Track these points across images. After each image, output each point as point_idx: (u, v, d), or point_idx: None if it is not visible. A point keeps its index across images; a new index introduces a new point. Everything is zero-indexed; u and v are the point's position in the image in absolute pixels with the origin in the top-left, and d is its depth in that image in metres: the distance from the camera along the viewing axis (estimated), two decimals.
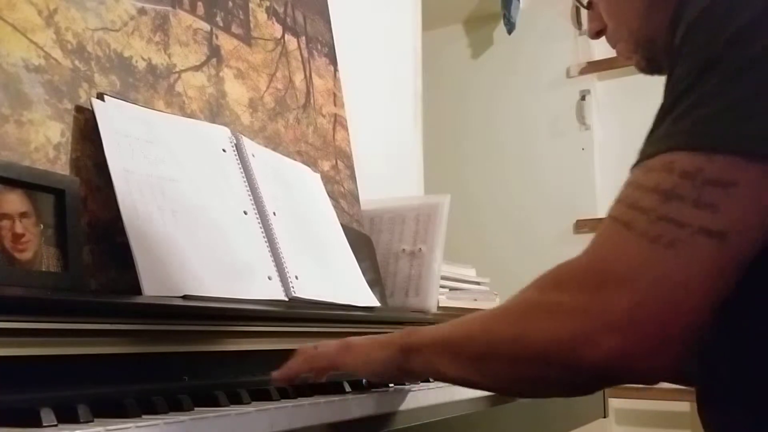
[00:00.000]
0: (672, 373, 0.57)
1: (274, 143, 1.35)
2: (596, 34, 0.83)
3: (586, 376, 0.59)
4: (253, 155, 1.15)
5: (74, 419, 0.56)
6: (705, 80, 0.57)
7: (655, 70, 0.79)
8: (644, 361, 0.55)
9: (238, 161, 1.12)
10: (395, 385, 0.87)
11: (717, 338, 0.63)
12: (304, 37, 1.54)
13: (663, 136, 0.59)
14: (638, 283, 0.55)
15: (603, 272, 0.57)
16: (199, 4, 1.25)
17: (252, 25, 1.38)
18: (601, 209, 2.94)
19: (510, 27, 3.11)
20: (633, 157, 0.61)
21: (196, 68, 1.21)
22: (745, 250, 0.55)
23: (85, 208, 0.90)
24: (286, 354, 0.91)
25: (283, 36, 1.47)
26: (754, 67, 0.56)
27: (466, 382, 0.72)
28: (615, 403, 2.74)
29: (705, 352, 0.65)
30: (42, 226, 0.83)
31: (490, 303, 1.74)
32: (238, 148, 1.13)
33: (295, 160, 1.36)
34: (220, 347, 0.82)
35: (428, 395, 0.91)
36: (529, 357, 0.62)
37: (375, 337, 0.80)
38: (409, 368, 0.75)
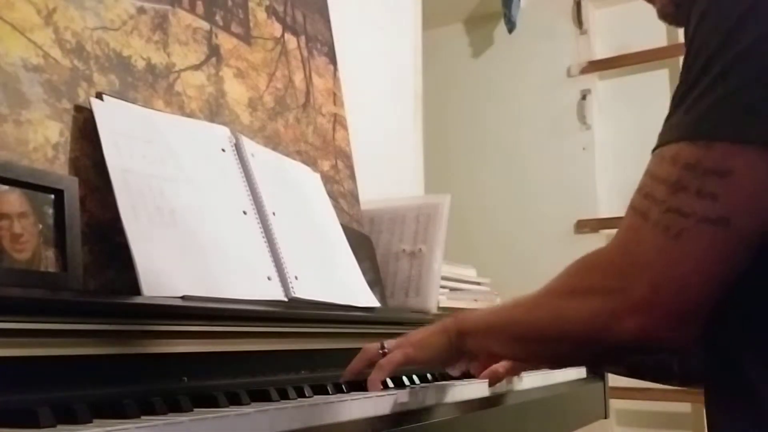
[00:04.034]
0: (687, 344, 0.65)
1: (273, 143, 1.34)
2: None
3: (615, 350, 0.69)
4: (253, 155, 1.15)
5: (73, 420, 0.56)
6: (708, 72, 0.62)
7: (678, 20, 0.78)
8: (663, 336, 0.63)
9: (238, 161, 1.12)
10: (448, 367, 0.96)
11: (727, 327, 0.67)
12: (303, 37, 1.54)
13: (674, 126, 0.64)
14: (654, 270, 0.62)
15: (626, 261, 0.65)
16: (199, 3, 1.24)
17: (251, 24, 1.38)
18: (602, 209, 2.94)
19: (510, 26, 3.11)
20: (634, 156, 0.64)
21: (196, 67, 1.21)
22: (750, 232, 0.60)
23: (83, 208, 0.90)
24: (286, 354, 0.91)
25: (282, 35, 1.47)
26: (744, 59, 0.60)
27: (516, 358, 0.87)
28: (616, 404, 2.73)
29: (715, 345, 0.69)
30: (41, 226, 0.83)
31: (490, 303, 1.74)
32: (238, 148, 1.13)
33: (295, 159, 1.35)
34: (219, 347, 0.82)
35: (428, 395, 0.91)
36: (565, 336, 0.71)
37: (429, 327, 0.90)
38: (466, 349, 0.86)
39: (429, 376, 1.04)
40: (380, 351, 0.89)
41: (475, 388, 0.99)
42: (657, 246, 0.62)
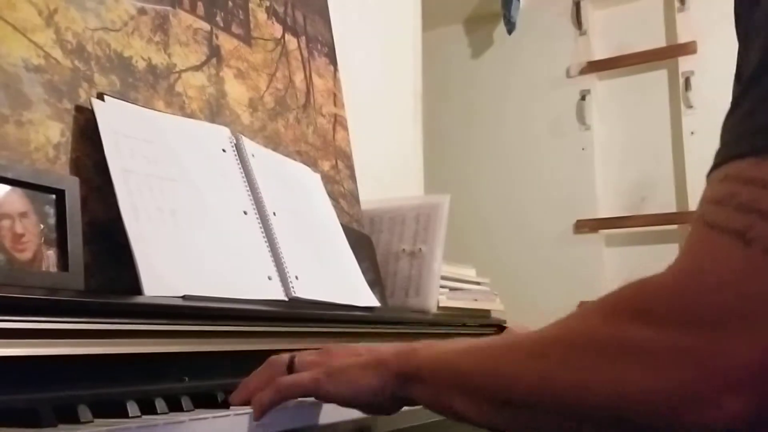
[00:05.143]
0: None
1: (274, 143, 1.35)
2: None
3: None
4: (253, 155, 1.15)
5: (74, 419, 0.56)
6: None
7: None
8: None
9: (238, 161, 1.12)
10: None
11: None
12: (304, 37, 1.54)
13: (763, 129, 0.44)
14: None
15: (717, 302, 0.41)
16: (199, 3, 1.25)
17: (252, 25, 1.38)
18: (602, 209, 2.95)
19: (510, 27, 3.11)
20: (633, 156, 0.57)
21: (196, 68, 1.21)
22: None
23: (84, 208, 0.90)
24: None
25: (283, 36, 1.47)
26: None
27: (491, 428, 0.56)
28: None
29: None
30: (42, 226, 0.83)
31: (490, 303, 1.74)
32: (238, 148, 1.13)
33: (295, 159, 1.36)
34: (220, 347, 0.82)
35: None
36: (600, 417, 0.45)
37: (359, 352, 0.67)
38: (408, 398, 0.63)
39: None
40: (287, 364, 0.69)
41: None
42: None
